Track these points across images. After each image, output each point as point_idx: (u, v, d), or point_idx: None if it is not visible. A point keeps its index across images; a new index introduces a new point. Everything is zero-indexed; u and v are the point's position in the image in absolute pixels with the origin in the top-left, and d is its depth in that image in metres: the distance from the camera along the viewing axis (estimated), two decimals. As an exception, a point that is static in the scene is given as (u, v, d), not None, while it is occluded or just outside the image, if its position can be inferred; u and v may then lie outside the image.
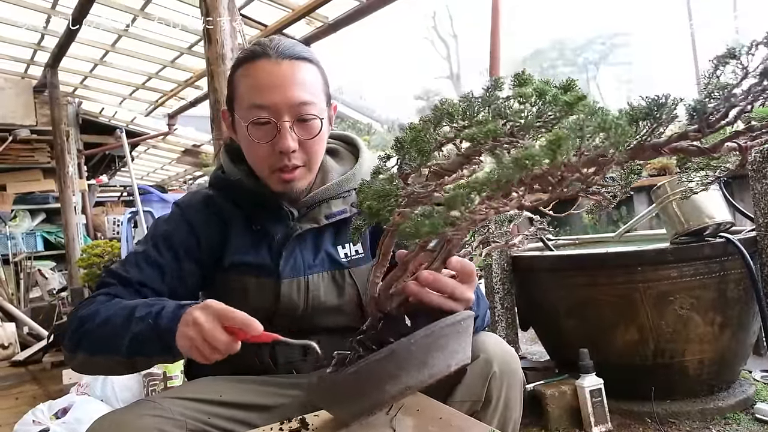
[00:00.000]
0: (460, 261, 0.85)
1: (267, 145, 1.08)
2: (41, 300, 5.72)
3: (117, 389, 2.45)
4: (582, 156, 0.62)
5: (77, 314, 1.01)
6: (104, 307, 0.99)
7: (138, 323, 0.91)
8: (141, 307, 0.94)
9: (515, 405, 1.05)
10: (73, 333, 0.99)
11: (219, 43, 2.43)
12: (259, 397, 1.05)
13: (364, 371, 0.74)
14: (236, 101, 1.13)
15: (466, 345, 0.79)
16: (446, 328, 0.75)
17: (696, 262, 2.05)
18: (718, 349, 2.12)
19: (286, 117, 1.06)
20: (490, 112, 0.69)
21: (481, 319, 1.08)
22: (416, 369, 0.73)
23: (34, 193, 6.15)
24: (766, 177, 2.05)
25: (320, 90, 1.12)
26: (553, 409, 2.10)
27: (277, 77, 1.07)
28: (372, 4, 3.95)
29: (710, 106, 0.60)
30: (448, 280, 0.83)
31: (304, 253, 1.14)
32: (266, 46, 1.09)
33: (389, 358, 0.73)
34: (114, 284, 1.07)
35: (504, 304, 2.49)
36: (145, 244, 1.14)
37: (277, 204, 1.14)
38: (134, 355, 0.94)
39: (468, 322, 0.79)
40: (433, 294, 0.82)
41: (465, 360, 0.79)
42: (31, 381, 3.83)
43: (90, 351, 0.98)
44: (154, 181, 10.55)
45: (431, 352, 0.74)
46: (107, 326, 0.95)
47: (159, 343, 0.89)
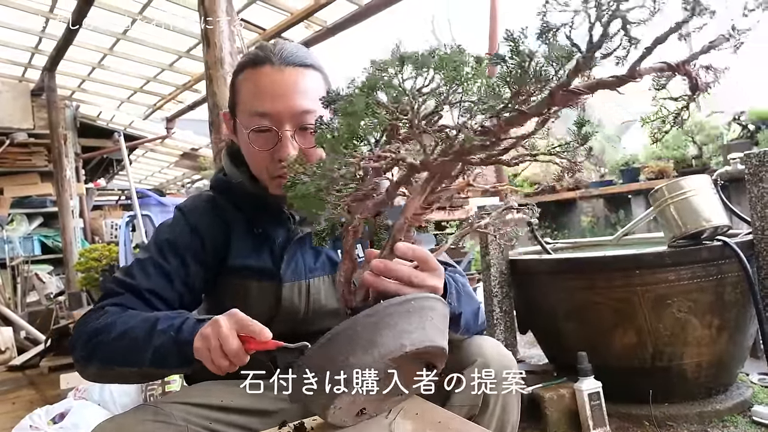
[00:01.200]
0: (410, 247, 0.84)
1: (267, 153, 1.08)
2: (38, 304, 5.70)
3: (115, 394, 2.44)
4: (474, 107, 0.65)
5: (89, 325, 1.00)
6: (121, 320, 0.98)
7: (160, 336, 0.91)
8: (162, 320, 0.94)
9: (512, 409, 1.05)
10: (85, 344, 0.98)
11: (217, 47, 2.44)
12: (259, 401, 1.05)
13: (312, 358, 0.75)
14: (238, 106, 1.12)
15: (424, 327, 0.77)
16: (391, 307, 0.75)
17: (693, 266, 2.06)
18: (715, 352, 2.13)
19: (287, 126, 1.06)
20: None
21: (472, 318, 1.07)
22: (363, 350, 0.73)
23: (31, 196, 6.14)
24: (763, 180, 2.06)
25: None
26: (552, 413, 2.10)
27: (279, 85, 1.06)
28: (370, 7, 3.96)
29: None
30: (400, 267, 0.82)
31: (305, 257, 1.14)
32: (270, 52, 1.08)
33: (334, 341, 0.73)
34: (122, 293, 1.06)
35: (502, 307, 2.49)
36: (150, 250, 1.12)
37: (278, 207, 1.14)
38: (157, 367, 0.94)
39: (423, 303, 0.77)
40: (388, 282, 0.82)
41: (426, 342, 0.76)
42: (28, 386, 3.81)
43: (107, 362, 0.97)
44: (152, 184, 10.55)
45: (378, 331, 0.73)
46: (126, 339, 0.94)
47: (179, 356, 0.90)
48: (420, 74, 0.69)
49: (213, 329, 0.84)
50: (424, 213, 0.82)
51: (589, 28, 0.60)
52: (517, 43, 0.63)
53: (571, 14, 0.59)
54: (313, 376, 0.75)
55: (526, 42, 0.64)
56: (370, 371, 0.73)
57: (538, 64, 0.64)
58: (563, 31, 0.61)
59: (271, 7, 4.16)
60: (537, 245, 2.77)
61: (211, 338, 0.84)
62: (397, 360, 0.74)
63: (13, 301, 5.63)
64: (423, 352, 0.77)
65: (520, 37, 0.63)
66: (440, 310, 0.80)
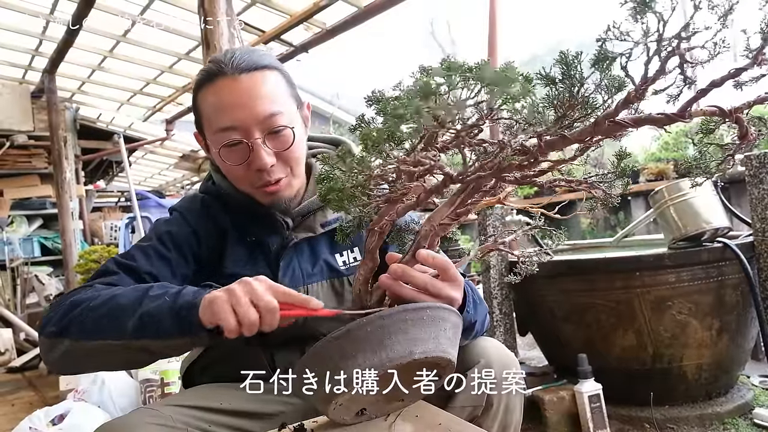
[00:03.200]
0: (431, 254, 0.83)
1: (243, 166, 1.05)
2: (38, 306, 5.70)
3: (114, 396, 2.44)
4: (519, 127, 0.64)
5: (68, 299, 0.93)
6: (107, 290, 0.92)
7: (152, 300, 0.85)
8: (157, 287, 0.88)
9: (515, 409, 1.05)
10: (60, 319, 0.90)
11: (217, 49, 2.43)
12: (259, 404, 1.05)
13: (320, 352, 0.75)
14: (204, 125, 1.09)
15: (438, 337, 0.77)
16: (406, 313, 0.75)
17: (694, 267, 2.06)
18: (716, 354, 2.12)
19: (256, 134, 1.03)
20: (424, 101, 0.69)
21: (480, 324, 1.07)
22: (372, 350, 0.73)
23: (31, 198, 6.14)
24: (763, 182, 2.06)
25: (286, 95, 1.08)
26: (552, 415, 2.09)
27: (238, 95, 1.02)
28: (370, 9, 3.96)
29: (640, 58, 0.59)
30: (419, 274, 0.82)
31: (302, 263, 1.13)
32: (221, 63, 1.04)
33: (345, 338, 0.73)
34: (117, 273, 1.00)
35: (502, 309, 2.49)
36: (150, 240, 1.09)
37: (270, 215, 1.13)
38: (140, 336, 0.84)
39: (437, 314, 0.77)
40: (405, 287, 0.81)
41: (437, 352, 0.76)
42: (28, 387, 3.81)
43: (80, 336, 0.88)
44: (152, 186, 10.54)
45: (390, 335, 0.73)
46: (108, 306, 0.88)
47: (175, 319, 0.82)
48: (468, 86, 0.68)
49: (242, 285, 0.80)
50: (451, 224, 0.82)
51: (646, 61, 0.59)
52: (570, 66, 0.62)
53: (631, 44, 0.58)
54: (317, 368, 0.75)
55: (578, 67, 0.62)
56: (371, 371, 0.73)
57: (587, 90, 0.63)
58: (620, 60, 0.60)
59: (271, 10, 4.16)
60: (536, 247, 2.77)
61: (237, 292, 0.79)
62: (404, 366, 0.75)
63: (13, 302, 5.63)
64: (431, 362, 0.77)
65: (573, 62, 0.62)
66: (454, 322, 0.81)
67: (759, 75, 0.57)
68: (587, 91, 0.63)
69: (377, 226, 0.81)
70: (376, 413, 0.86)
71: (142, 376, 2.48)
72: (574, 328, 2.28)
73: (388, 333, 0.73)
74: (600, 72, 0.62)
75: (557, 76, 0.64)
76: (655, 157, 5.40)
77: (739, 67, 0.57)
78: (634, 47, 0.59)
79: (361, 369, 0.72)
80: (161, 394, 2.38)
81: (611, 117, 0.63)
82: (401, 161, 0.73)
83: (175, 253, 1.08)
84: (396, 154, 0.75)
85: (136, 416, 0.93)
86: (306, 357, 0.77)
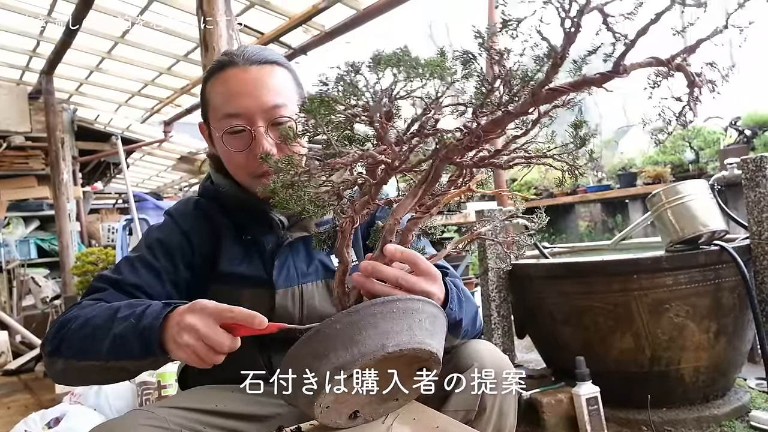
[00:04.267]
0: (398, 248, 0.83)
1: (244, 153, 1.07)
2: (34, 308, 5.68)
3: (110, 398, 2.43)
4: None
5: (61, 317, 0.98)
6: (87, 310, 0.95)
7: (120, 323, 0.87)
8: (124, 307, 0.91)
9: (509, 414, 1.05)
10: (53, 338, 0.95)
11: (216, 51, 2.43)
12: (255, 406, 1.04)
13: (295, 355, 0.75)
14: (210, 113, 1.13)
15: (412, 328, 0.75)
16: (374, 307, 0.74)
17: (691, 270, 2.06)
18: (713, 356, 2.13)
19: (259, 122, 1.06)
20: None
21: (469, 323, 1.06)
22: (344, 348, 0.72)
23: (28, 200, 6.13)
24: (760, 185, 2.06)
25: (292, 92, 1.12)
26: (550, 417, 2.09)
27: (246, 83, 1.07)
28: (368, 12, 3.97)
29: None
30: (388, 268, 0.81)
31: (297, 263, 1.14)
32: (233, 55, 1.09)
33: (315, 338, 0.73)
34: (105, 289, 1.04)
35: (500, 311, 2.49)
36: (140, 249, 1.12)
37: (266, 213, 1.13)
38: (115, 358, 0.88)
39: (409, 305, 0.76)
40: (377, 284, 0.81)
41: (412, 344, 0.74)
42: (24, 390, 3.79)
43: (70, 356, 0.93)
44: (150, 188, 10.53)
45: (360, 330, 0.72)
46: (87, 328, 0.91)
47: (140, 342, 0.84)
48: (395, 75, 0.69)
49: (192, 336, 0.80)
50: (422, 217, 0.82)
51: (560, 22, 0.58)
52: (485, 40, 0.62)
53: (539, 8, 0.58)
54: (294, 371, 0.75)
55: (498, 39, 0.63)
56: (346, 369, 0.72)
57: (517, 63, 0.63)
58: (534, 26, 0.59)
59: (269, 12, 4.16)
60: (535, 249, 2.77)
61: (197, 348, 0.80)
62: (380, 361, 0.74)
63: (9, 304, 5.61)
64: (410, 355, 0.76)
65: (487, 34, 0.63)
66: (430, 313, 0.79)
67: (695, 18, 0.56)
68: (517, 65, 0.63)
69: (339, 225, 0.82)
70: (370, 416, 0.85)
71: (139, 379, 2.48)
72: (572, 331, 2.28)
73: (357, 329, 0.72)
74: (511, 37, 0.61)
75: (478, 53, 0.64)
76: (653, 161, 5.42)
77: (660, 11, 0.56)
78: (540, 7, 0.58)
79: (334, 367, 0.72)
80: (158, 396, 2.37)
81: (544, 84, 0.63)
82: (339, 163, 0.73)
83: (165, 260, 1.09)
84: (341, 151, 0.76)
85: (130, 418, 0.93)
86: (283, 361, 0.76)
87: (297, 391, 0.76)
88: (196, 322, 0.80)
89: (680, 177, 4.74)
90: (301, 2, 4.03)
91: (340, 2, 3.91)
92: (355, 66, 0.71)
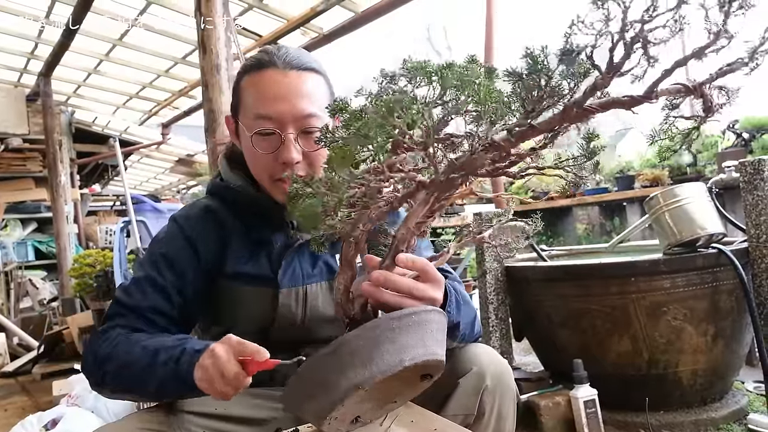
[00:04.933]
0: (411, 258, 0.83)
1: (270, 156, 1.07)
2: (31, 310, 5.67)
3: (108, 401, 2.42)
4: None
5: (96, 352, 1.01)
6: (122, 348, 0.98)
7: (161, 368, 0.92)
8: (162, 352, 0.94)
9: (508, 418, 1.05)
10: (96, 371, 1.00)
11: (214, 53, 2.44)
12: (253, 410, 1.04)
13: (312, 369, 0.74)
14: (241, 109, 1.12)
15: (425, 339, 0.76)
16: (393, 321, 0.74)
17: (689, 273, 2.06)
18: (711, 359, 2.13)
19: (290, 129, 1.05)
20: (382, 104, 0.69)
21: (469, 326, 1.06)
22: (362, 364, 0.72)
23: (25, 202, 6.12)
24: (757, 188, 2.07)
25: (326, 101, 1.10)
26: (547, 420, 2.09)
27: (283, 88, 1.06)
28: (366, 15, 3.98)
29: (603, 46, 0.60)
30: (401, 279, 0.82)
31: (303, 263, 1.13)
32: (274, 55, 1.08)
33: (334, 354, 0.72)
34: (125, 314, 1.06)
35: (498, 314, 2.49)
36: (146, 267, 1.12)
37: (277, 213, 1.13)
38: (161, 397, 0.98)
39: (423, 317, 0.77)
40: (387, 293, 0.81)
41: (426, 356, 0.75)
42: (21, 392, 3.78)
43: (117, 390, 1.00)
44: (148, 190, 10.52)
45: (378, 346, 0.72)
46: (131, 369, 0.95)
47: (182, 386, 0.90)
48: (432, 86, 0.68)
49: (212, 361, 0.85)
50: (426, 222, 0.82)
51: (610, 48, 0.59)
52: (537, 60, 0.62)
53: (594, 36, 0.58)
54: (308, 386, 0.75)
55: (546, 60, 0.62)
56: (363, 386, 0.72)
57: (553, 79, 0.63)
58: (585, 52, 0.60)
59: (268, 14, 4.17)
60: (532, 252, 2.78)
61: (210, 369, 0.85)
62: (395, 375, 0.74)
63: (6, 306, 5.60)
64: (421, 366, 0.76)
65: (540, 55, 0.62)
66: (439, 322, 0.80)
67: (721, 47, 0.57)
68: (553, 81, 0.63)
69: (352, 236, 0.80)
70: (369, 418, 0.85)
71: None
72: (570, 334, 2.28)
73: (376, 344, 0.72)
74: (567, 65, 0.62)
75: (523, 71, 0.64)
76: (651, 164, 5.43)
77: (702, 46, 0.57)
78: (598, 37, 0.59)
79: (351, 384, 0.71)
80: (155, 399, 2.37)
81: (579, 105, 0.63)
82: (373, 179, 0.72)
83: (170, 274, 1.09)
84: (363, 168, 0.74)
85: (130, 421, 0.93)
86: (297, 376, 0.76)
87: (308, 405, 0.76)
88: (219, 350, 0.85)
89: (678, 180, 4.75)
90: (299, 5, 4.04)
91: (339, 5, 3.92)
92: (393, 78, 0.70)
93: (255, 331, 1.12)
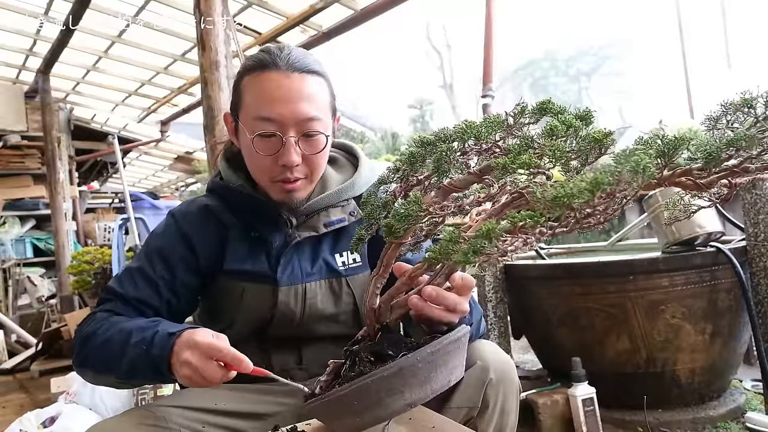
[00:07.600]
0: (462, 276, 0.86)
1: (270, 157, 1.07)
2: (30, 307, 5.67)
3: (106, 398, 2.42)
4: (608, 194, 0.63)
5: (81, 332, 1.04)
6: (103, 327, 1.00)
7: (133, 349, 0.92)
8: (136, 332, 0.94)
9: (511, 412, 1.05)
10: (79, 351, 1.02)
11: (213, 51, 2.43)
12: (253, 405, 1.05)
13: (368, 387, 0.73)
14: (241, 109, 1.11)
15: (462, 359, 0.80)
16: (450, 344, 0.76)
17: (687, 272, 2.06)
18: (709, 358, 2.13)
19: (291, 132, 1.05)
20: (519, 140, 0.71)
21: (476, 328, 1.08)
22: (419, 385, 0.73)
23: (24, 199, 6.10)
24: (756, 187, 2.07)
25: (327, 104, 1.11)
26: (546, 418, 2.09)
27: (285, 90, 1.05)
28: (366, 13, 3.97)
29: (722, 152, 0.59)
30: (450, 295, 0.83)
31: (302, 261, 1.14)
32: (276, 56, 1.07)
33: (396, 375, 0.72)
34: (113, 300, 1.08)
35: (497, 312, 2.49)
36: (141, 259, 1.13)
37: (275, 211, 1.13)
38: (132, 378, 0.97)
39: (467, 338, 0.80)
40: (435, 308, 0.82)
41: (461, 375, 0.81)
42: (19, 389, 3.78)
43: (94, 369, 1.02)
44: (146, 187, 10.51)
45: (436, 368, 0.75)
46: (106, 349, 0.97)
47: (152, 369, 0.91)
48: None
49: (190, 370, 0.85)
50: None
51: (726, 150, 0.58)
52: (754, 106, 0.59)
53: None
54: (361, 403, 0.74)
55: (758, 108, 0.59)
56: (414, 406, 0.75)
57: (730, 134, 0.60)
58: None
59: (267, 12, 4.16)
60: (531, 250, 2.78)
61: (192, 376, 0.85)
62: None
63: (5, 303, 5.59)
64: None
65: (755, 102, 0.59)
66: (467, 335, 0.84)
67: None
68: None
69: (404, 244, 0.81)
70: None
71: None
72: (568, 332, 2.29)
73: (435, 366, 0.75)
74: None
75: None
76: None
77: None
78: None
79: (405, 404, 0.73)
80: (154, 395, 2.37)
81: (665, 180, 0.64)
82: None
83: (162, 270, 1.10)
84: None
85: (129, 417, 0.94)
86: (351, 390, 0.74)
87: (348, 419, 0.75)
88: (190, 357, 0.85)
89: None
90: (298, 2, 4.03)
91: (338, 2, 3.91)
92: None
93: (253, 329, 1.12)
